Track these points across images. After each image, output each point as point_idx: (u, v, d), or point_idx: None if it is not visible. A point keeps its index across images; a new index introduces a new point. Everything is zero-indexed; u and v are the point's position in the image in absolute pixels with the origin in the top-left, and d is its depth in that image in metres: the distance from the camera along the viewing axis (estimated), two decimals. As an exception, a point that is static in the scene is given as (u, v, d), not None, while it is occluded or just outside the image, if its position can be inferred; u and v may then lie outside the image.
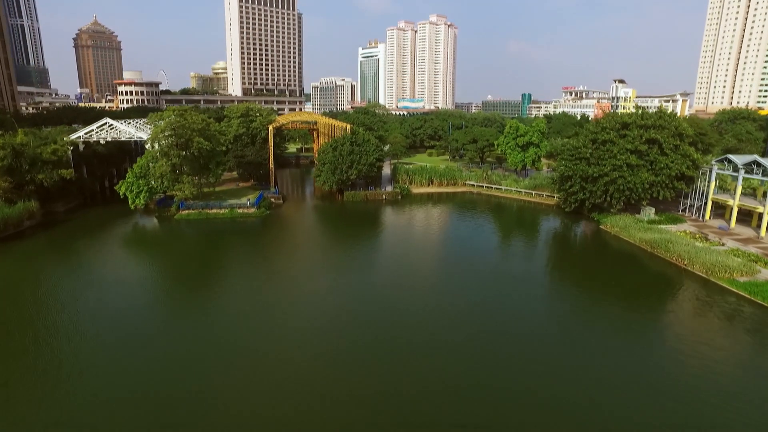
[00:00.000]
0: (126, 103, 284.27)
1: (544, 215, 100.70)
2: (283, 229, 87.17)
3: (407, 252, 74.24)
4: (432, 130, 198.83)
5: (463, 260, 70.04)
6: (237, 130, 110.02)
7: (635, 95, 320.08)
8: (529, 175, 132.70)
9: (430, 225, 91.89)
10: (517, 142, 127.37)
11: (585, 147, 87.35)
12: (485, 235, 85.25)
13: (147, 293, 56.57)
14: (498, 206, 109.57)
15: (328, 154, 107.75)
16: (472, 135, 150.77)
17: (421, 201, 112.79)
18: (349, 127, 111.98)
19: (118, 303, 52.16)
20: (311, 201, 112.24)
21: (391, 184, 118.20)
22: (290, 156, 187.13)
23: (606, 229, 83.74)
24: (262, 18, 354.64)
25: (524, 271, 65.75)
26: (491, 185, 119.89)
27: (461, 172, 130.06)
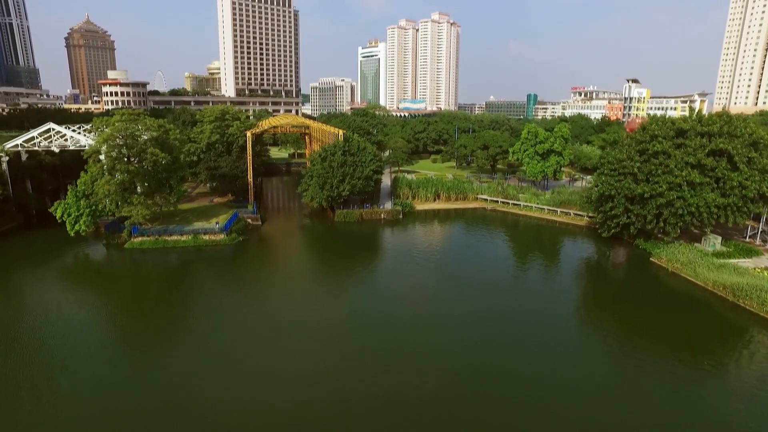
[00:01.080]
0: (111, 104, 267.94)
1: (574, 240, 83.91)
2: (254, 262, 70.38)
3: (408, 297, 57.41)
4: (436, 133, 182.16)
5: (479, 304, 53.28)
6: (210, 137, 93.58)
7: (650, 96, 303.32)
8: (551, 188, 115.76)
9: (437, 256, 75.05)
10: (536, 149, 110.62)
11: (631, 160, 70.46)
12: (504, 268, 68.46)
13: (63, 355, 39.89)
14: (517, 227, 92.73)
15: (316, 165, 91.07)
16: (482, 140, 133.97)
17: (426, 220, 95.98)
18: (341, 134, 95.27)
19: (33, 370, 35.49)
20: (296, 221, 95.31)
21: (391, 199, 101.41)
22: (280, 162, 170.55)
23: (660, 262, 66.84)
24: (256, 15, 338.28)
25: (559, 321, 48.88)
26: (507, 200, 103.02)
27: (471, 183, 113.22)
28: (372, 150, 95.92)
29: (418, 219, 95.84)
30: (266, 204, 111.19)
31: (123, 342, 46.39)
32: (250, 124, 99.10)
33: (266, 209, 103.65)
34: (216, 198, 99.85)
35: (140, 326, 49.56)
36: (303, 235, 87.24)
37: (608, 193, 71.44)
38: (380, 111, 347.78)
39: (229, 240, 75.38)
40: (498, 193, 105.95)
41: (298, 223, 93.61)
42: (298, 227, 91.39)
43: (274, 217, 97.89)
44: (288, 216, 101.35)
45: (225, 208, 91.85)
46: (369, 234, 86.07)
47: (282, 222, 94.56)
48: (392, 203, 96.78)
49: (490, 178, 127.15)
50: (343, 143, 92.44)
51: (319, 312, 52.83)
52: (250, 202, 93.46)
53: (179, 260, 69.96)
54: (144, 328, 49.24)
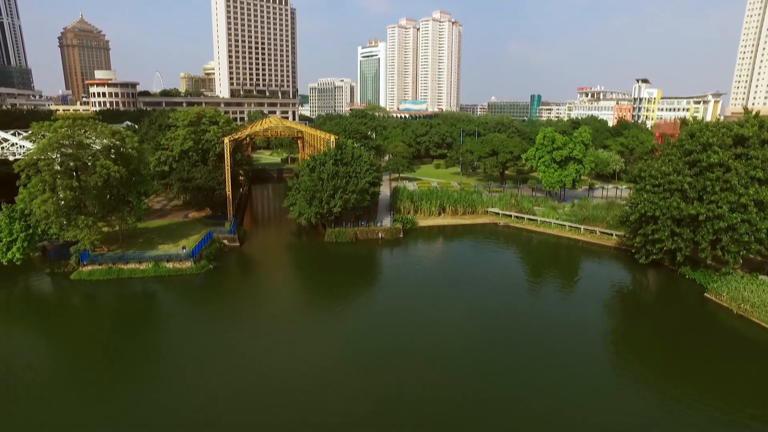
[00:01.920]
0: (98, 105, 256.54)
1: (602, 263, 71.88)
2: (223, 298, 58.29)
3: (409, 339, 45.28)
4: (439, 137, 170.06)
5: (497, 352, 41.26)
6: (183, 144, 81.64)
7: (660, 96, 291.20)
8: (569, 200, 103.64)
9: (443, 283, 62.88)
10: (553, 156, 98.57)
11: (679, 173, 58.33)
12: (521, 297, 56.31)
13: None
14: (534, 247, 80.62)
15: (303, 176, 79.07)
16: (490, 145, 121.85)
17: (430, 238, 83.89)
18: (332, 139, 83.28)
19: None
20: (280, 241, 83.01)
21: (390, 213, 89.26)
22: (272, 168, 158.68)
23: (719, 300, 54.66)
24: (251, 13, 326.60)
25: (587, 360, 36.86)
26: (521, 214, 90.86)
27: (480, 194, 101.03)
28: (368, 158, 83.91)
29: (421, 237, 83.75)
30: (250, 218, 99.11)
31: (56, 397, 34.37)
32: (230, 129, 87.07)
33: (249, 225, 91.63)
34: (192, 212, 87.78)
35: (73, 379, 37.81)
36: (286, 260, 74.77)
37: (651, 214, 59.26)
38: (380, 112, 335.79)
39: (197, 268, 63.30)
40: (511, 206, 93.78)
41: (283, 244, 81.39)
42: (282, 249, 79.10)
43: (256, 235, 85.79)
44: (272, 234, 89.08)
45: (200, 226, 79.81)
46: (364, 257, 74.01)
47: (264, 242, 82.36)
48: (391, 219, 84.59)
49: (499, 187, 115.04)
50: (334, 151, 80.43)
51: (299, 361, 40.77)
52: (229, 218, 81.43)
53: (133, 295, 57.94)
54: (78, 380, 37.47)
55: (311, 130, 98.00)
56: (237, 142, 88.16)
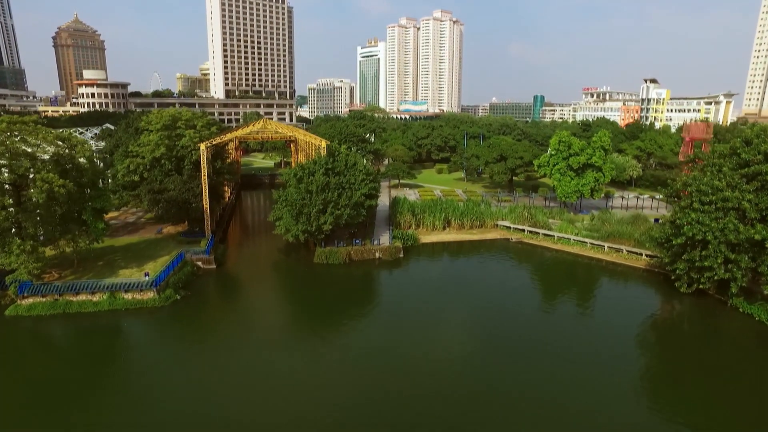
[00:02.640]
0: (87, 106, 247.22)
1: (631, 287, 62.29)
2: (188, 338, 48.57)
3: (411, 387, 35.60)
4: (441, 140, 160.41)
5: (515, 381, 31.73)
6: (155, 151, 72.02)
7: (670, 97, 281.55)
8: (587, 211, 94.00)
9: (448, 320, 53.15)
10: (569, 163, 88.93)
11: (735, 189, 48.62)
12: (540, 328, 46.51)
13: None
14: (552, 267, 70.92)
15: (290, 187, 69.36)
16: (498, 150, 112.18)
17: (434, 258, 74.28)
18: (323, 145, 73.61)
19: None
20: (263, 263, 73.05)
21: (388, 228, 79.49)
22: (263, 174, 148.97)
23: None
24: (247, 11, 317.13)
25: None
26: (536, 229, 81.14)
27: (489, 205, 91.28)
28: (365, 166, 74.18)
29: (424, 256, 74.03)
30: (234, 232, 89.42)
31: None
32: (209, 133, 77.31)
33: (232, 240, 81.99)
34: (167, 227, 78.18)
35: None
36: (267, 286, 64.39)
37: (700, 237, 49.52)
38: (379, 113, 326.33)
39: (161, 300, 53.59)
40: (523, 219, 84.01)
41: (266, 265, 71.41)
42: (264, 272, 69.00)
43: (237, 254, 76.10)
44: (256, 253, 79.17)
45: (173, 245, 70.13)
46: (358, 282, 64.28)
47: (245, 263, 72.49)
48: (390, 235, 74.74)
49: (508, 196, 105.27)
50: (325, 159, 70.72)
51: (279, 413, 31.17)
52: (206, 236, 71.73)
53: (80, 335, 48.30)
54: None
55: (302, 133, 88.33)
56: (217, 147, 78.45)
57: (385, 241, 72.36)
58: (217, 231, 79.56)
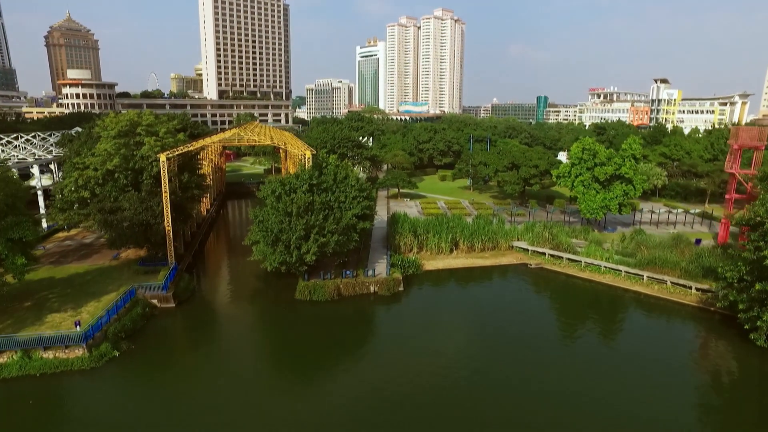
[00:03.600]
0: (72, 107, 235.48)
1: (686, 335, 50.73)
2: (118, 416, 36.70)
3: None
4: (444, 144, 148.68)
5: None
6: (107, 162, 60.31)
7: (681, 97, 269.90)
8: (613, 228, 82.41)
9: (457, 376, 41.24)
10: (594, 173, 77.29)
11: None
12: (574, 394, 34.94)
13: None
14: (580, 302, 59.18)
15: (267, 205, 57.48)
16: (509, 157, 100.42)
17: (440, 291, 62.52)
18: (308, 154, 61.85)
19: None
20: (235, 298, 60.80)
21: (385, 252, 67.64)
22: (252, 181, 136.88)
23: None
24: (241, 9, 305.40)
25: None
26: (560, 253, 69.34)
27: (502, 223, 79.46)
28: (357, 179, 62.27)
29: (428, 287, 62.27)
30: (207, 256, 77.57)
31: None
32: (175, 141, 65.42)
33: (201, 269, 70.15)
34: (126, 251, 66.42)
35: None
36: (234, 334, 51.51)
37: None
38: (379, 114, 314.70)
39: (92, 359, 41.79)
40: (543, 240, 72.18)
41: (237, 303, 59.13)
42: (233, 313, 56.53)
43: (206, 286, 64.25)
44: (228, 285, 66.85)
45: (126, 275, 58.43)
46: (348, 324, 52.46)
47: (212, 300, 60.26)
48: (388, 262, 62.74)
49: (522, 209, 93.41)
50: (309, 172, 58.91)
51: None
52: (169, 264, 60.00)
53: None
54: None
55: (284, 139, 76.53)
56: (186, 157, 66.57)
57: (381, 271, 60.45)
58: (186, 255, 67.85)
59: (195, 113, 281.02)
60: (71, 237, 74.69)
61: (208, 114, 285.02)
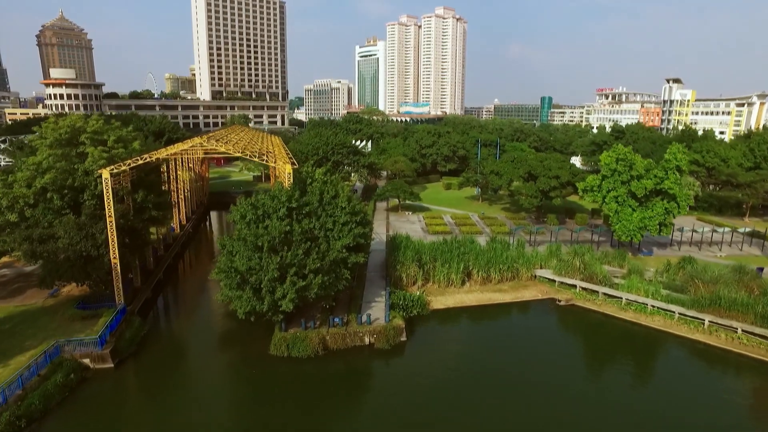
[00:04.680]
0: (55, 108, 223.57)
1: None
2: None
3: None
4: (449, 149, 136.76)
5: None
6: (38, 179, 48.48)
7: (695, 98, 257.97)
8: (649, 251, 70.63)
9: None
10: (630, 188, 65.53)
11: None
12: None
13: None
14: (630, 355, 47.19)
15: (236, 233, 45.41)
16: (525, 167, 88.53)
17: (451, 338, 50.56)
18: (288, 170, 50.03)
19: None
20: (194, 353, 48.04)
21: (384, 287, 55.69)
22: (238, 190, 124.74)
23: None
24: (235, 6, 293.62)
25: None
26: (594, 286, 57.43)
27: (521, 245, 67.46)
28: (349, 199, 50.33)
29: (437, 335, 50.40)
30: (171, 290, 65.40)
31: None
32: (127, 152, 53.56)
33: (160, 309, 58.14)
34: (66, 286, 54.52)
35: None
36: (185, 407, 38.81)
37: None
38: (378, 116, 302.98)
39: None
40: (573, 269, 60.22)
41: (195, 359, 46.53)
42: (188, 375, 43.81)
43: (159, 335, 51.83)
44: (189, 333, 53.44)
45: (59, 322, 46.60)
46: (335, 393, 40.48)
47: (163, 355, 47.47)
48: (387, 304, 50.69)
49: (541, 227, 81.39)
50: (288, 192, 47.01)
51: None
52: (117, 305, 48.21)
53: None
54: None
55: (267, 146, 64.81)
56: (143, 172, 54.64)
57: (379, 315, 48.45)
58: (144, 288, 55.99)
59: (187, 114, 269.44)
60: (9, 264, 62.76)
61: (200, 115, 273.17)
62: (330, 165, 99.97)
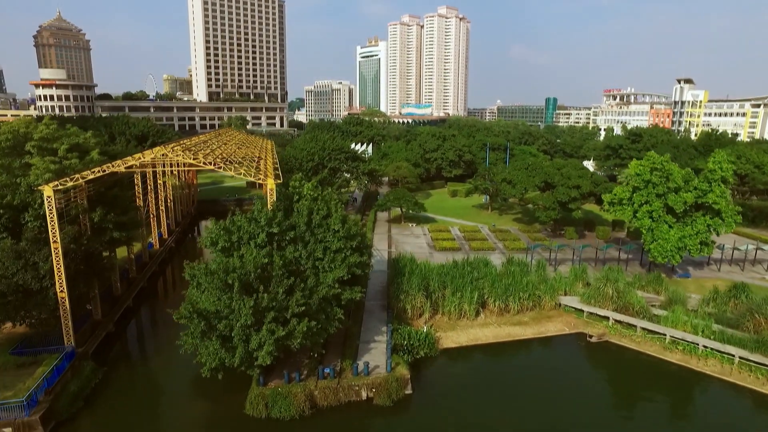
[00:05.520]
0: (45, 110, 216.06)
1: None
2: None
3: None
4: (454, 153, 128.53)
5: None
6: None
7: (707, 99, 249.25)
8: (684, 272, 62.24)
9: None
10: (667, 201, 57.26)
11: None
12: None
13: None
14: (681, 412, 38.74)
15: (199, 277, 37.00)
16: (541, 175, 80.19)
17: (466, 389, 41.94)
18: (269, 184, 41.87)
19: None
20: (153, 407, 39.99)
21: (386, 320, 47.43)
22: (230, 197, 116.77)
23: None
24: (233, 6, 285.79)
25: None
26: (631, 319, 49.11)
27: (543, 269, 59.07)
28: (343, 219, 41.98)
29: (447, 384, 42.06)
30: (146, 317, 57.24)
31: None
32: (79, 164, 45.45)
33: (124, 345, 49.86)
34: (7, 325, 46.20)
35: None
36: None
37: None
38: (380, 117, 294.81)
39: None
40: (606, 299, 51.85)
41: (153, 422, 38.33)
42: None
43: (114, 386, 43.24)
44: (151, 379, 44.83)
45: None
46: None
47: (115, 410, 38.67)
48: (388, 347, 42.35)
49: (559, 241, 72.98)
50: (268, 214, 38.76)
51: None
52: (66, 344, 40.07)
53: None
54: None
55: (253, 152, 56.78)
56: (102, 185, 46.50)
57: (379, 362, 40.13)
58: (105, 323, 47.74)
59: (182, 116, 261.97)
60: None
61: (196, 117, 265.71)
62: (326, 172, 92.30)
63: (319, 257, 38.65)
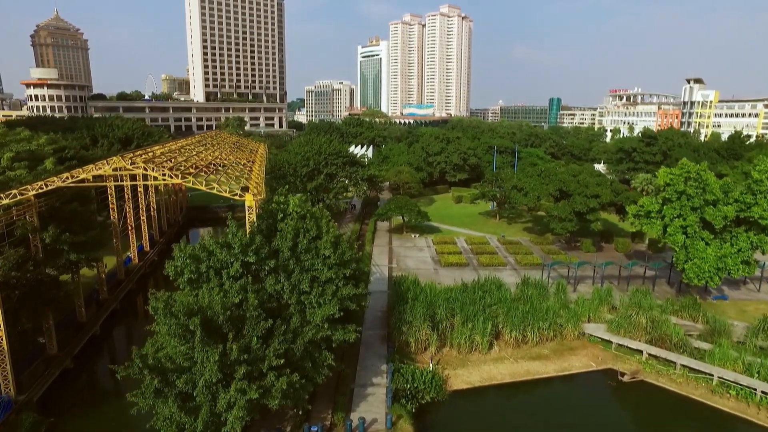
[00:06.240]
0: (36, 110, 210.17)
1: None
2: None
3: None
4: (459, 156, 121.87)
5: None
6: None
7: (718, 99, 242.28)
8: (720, 294, 55.59)
9: None
10: (703, 214, 50.69)
11: None
12: None
13: None
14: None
15: (159, 315, 30.48)
16: (556, 182, 73.47)
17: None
18: (248, 200, 35.33)
19: None
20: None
21: (385, 355, 40.90)
22: (221, 205, 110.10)
23: None
24: (231, 4, 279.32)
25: None
26: (668, 354, 42.44)
27: (563, 293, 52.33)
28: (335, 241, 35.29)
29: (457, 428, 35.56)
30: (113, 347, 50.84)
31: None
32: (30, 175, 39.04)
33: (88, 383, 43.36)
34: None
35: None
36: None
37: None
38: (381, 118, 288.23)
39: None
40: (638, 329, 45.20)
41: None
42: None
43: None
44: (106, 426, 38.98)
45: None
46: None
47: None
48: (389, 389, 35.85)
49: (581, 259, 66.30)
50: (243, 238, 32.17)
51: None
52: (4, 393, 33.52)
53: None
54: None
55: (246, 156, 50.30)
56: (59, 198, 40.04)
57: (377, 412, 33.55)
58: (61, 360, 41.20)
59: (179, 117, 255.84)
60: None
61: (193, 118, 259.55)
62: (322, 178, 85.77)
63: (306, 291, 32.07)
